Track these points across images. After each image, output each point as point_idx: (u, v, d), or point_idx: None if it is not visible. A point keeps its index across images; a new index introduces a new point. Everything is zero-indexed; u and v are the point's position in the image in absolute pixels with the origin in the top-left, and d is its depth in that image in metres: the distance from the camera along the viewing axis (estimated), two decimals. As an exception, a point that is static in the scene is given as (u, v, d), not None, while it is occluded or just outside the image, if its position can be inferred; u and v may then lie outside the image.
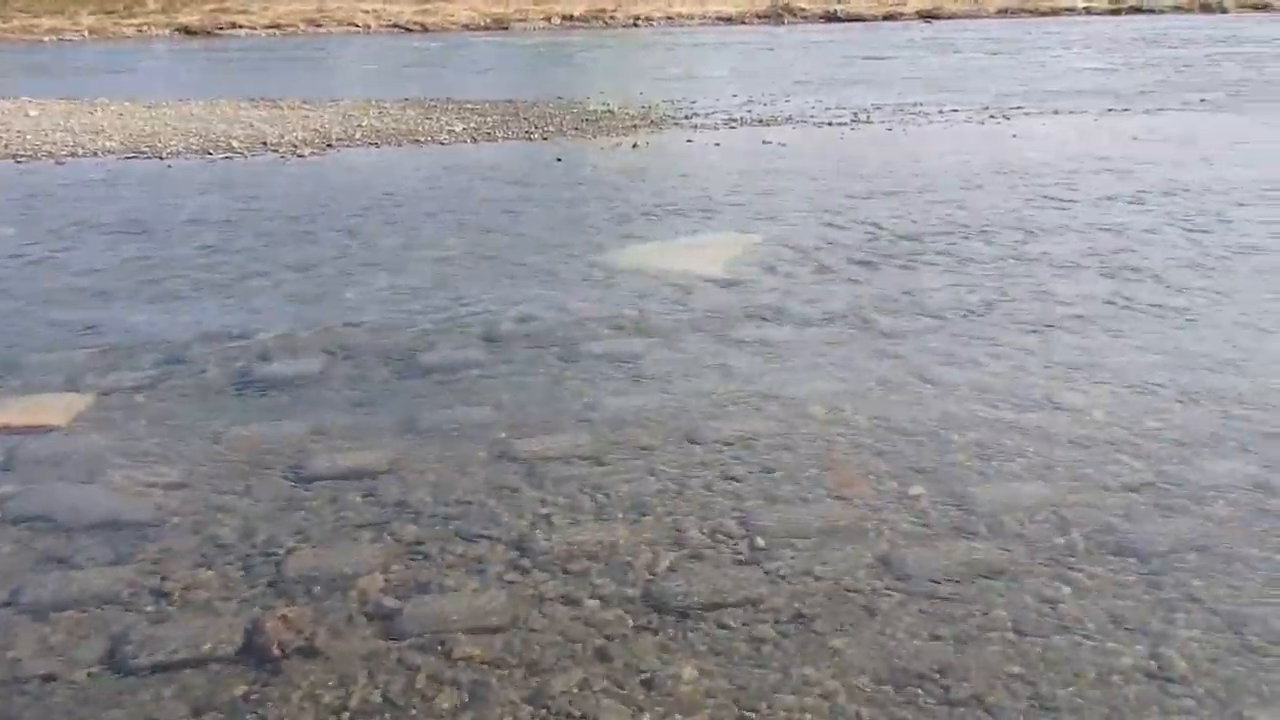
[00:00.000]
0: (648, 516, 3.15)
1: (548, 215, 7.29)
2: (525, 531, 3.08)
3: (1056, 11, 33.01)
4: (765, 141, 10.42)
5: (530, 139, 10.81)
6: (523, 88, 15.38)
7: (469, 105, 13.26)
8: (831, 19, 31.42)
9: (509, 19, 30.42)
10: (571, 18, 30.93)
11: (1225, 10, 32.78)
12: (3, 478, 3.47)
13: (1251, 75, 15.85)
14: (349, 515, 3.19)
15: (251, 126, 11.51)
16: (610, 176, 8.72)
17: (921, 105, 12.85)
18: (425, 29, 29.56)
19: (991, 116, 11.91)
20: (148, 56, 23.66)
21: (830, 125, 11.45)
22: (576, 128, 11.45)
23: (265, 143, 10.51)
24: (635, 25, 30.53)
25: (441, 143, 10.64)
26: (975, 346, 4.58)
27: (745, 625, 2.62)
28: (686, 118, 12.14)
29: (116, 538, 3.08)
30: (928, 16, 31.70)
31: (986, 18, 32.04)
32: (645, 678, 2.43)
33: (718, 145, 10.31)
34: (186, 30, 29.06)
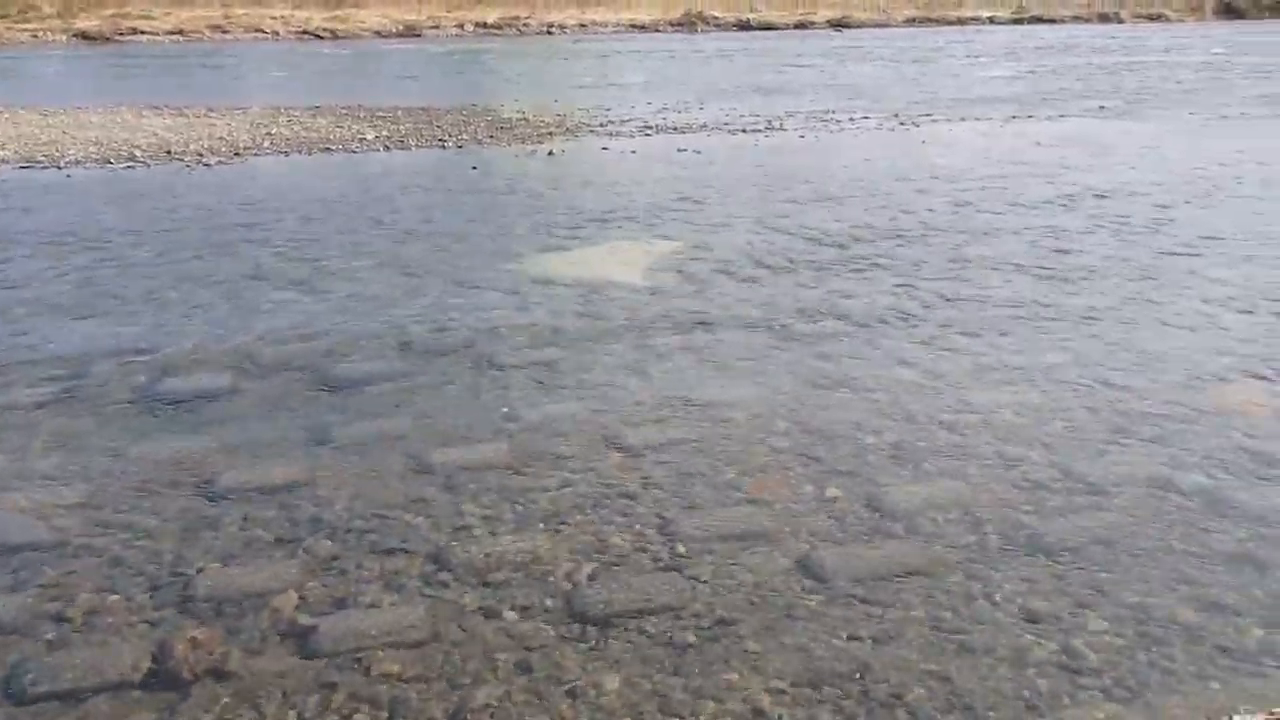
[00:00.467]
0: (568, 525, 3.14)
1: (463, 223, 7.23)
2: (444, 544, 3.03)
3: (963, 21, 33.87)
4: (680, 149, 10.48)
5: (444, 146, 10.72)
6: (436, 95, 15.24)
7: (381, 113, 13.09)
8: (744, 27, 31.79)
9: (421, 26, 30.15)
10: (485, 25, 30.78)
11: (1121, 21, 34.00)
12: (-110, 502, 3.31)
13: (1147, 83, 16.43)
14: (261, 532, 3.11)
15: (155, 134, 11.21)
16: (526, 184, 8.68)
17: (833, 112, 13.06)
18: (335, 36, 29.13)
19: (901, 123, 12.16)
20: (44, 63, 22.89)
21: (744, 132, 11.56)
22: (491, 135, 11.39)
23: (169, 151, 10.24)
24: (549, 32, 30.51)
25: (353, 151, 10.49)
26: (890, 349, 4.66)
27: (667, 632, 2.62)
28: (602, 125, 12.15)
29: (14, 562, 2.96)
30: (838, 25, 32.27)
31: (895, 27, 32.74)
32: (567, 688, 2.41)
33: (633, 152, 10.34)
34: (85, 36, 28.20)
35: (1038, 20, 33.78)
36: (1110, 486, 3.36)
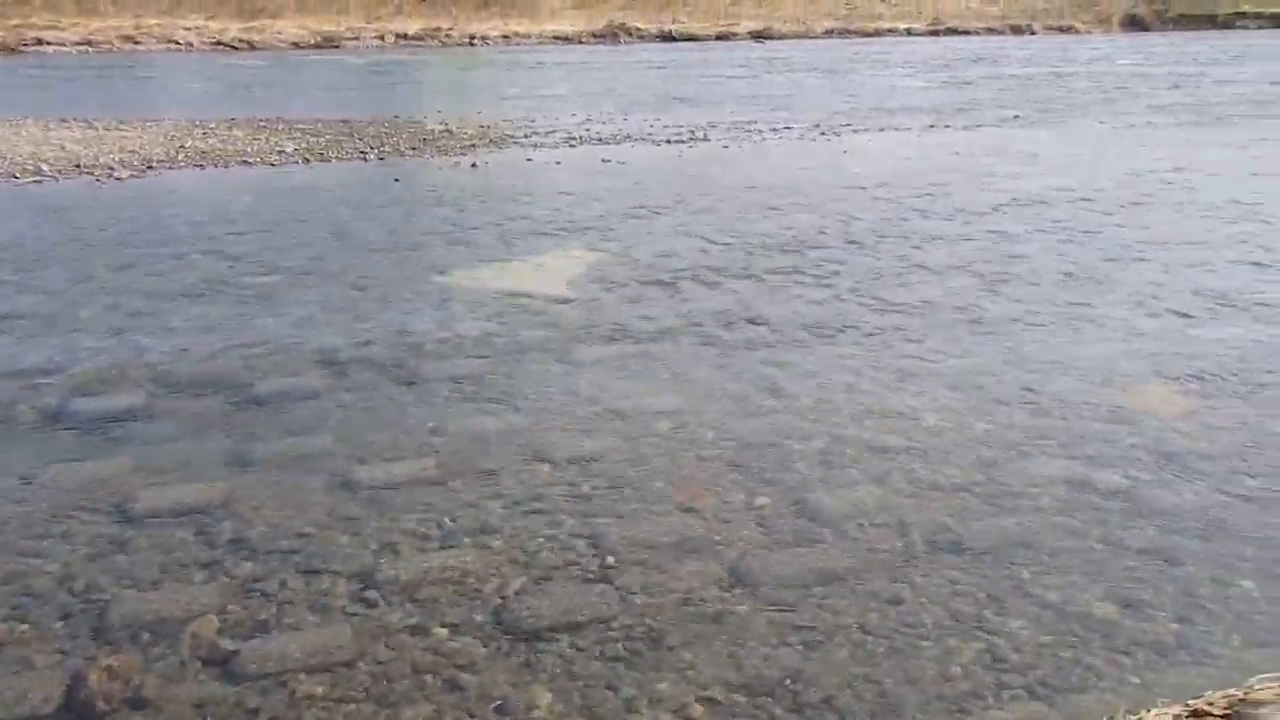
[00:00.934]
0: (496, 540, 3.11)
1: (386, 237, 7.14)
2: (369, 562, 2.98)
3: (880, 33, 34.50)
4: (605, 160, 10.49)
5: (366, 159, 10.58)
6: (357, 107, 15.06)
7: (300, 125, 12.88)
8: (666, 39, 31.97)
9: (340, 37, 29.75)
10: (406, 36, 30.48)
11: (1034, 33, 34.95)
12: None
13: (1058, 93, 16.90)
14: (179, 555, 3.03)
15: (63, 148, 10.88)
16: (450, 196, 8.61)
17: (756, 123, 13.18)
18: (252, 47, 28.61)
19: (822, 133, 12.32)
20: (-54, 74, 22.12)
21: (669, 143, 11.61)
22: (414, 147, 11.28)
23: (79, 165, 9.95)
24: (472, 44, 30.34)
25: (272, 164, 10.30)
26: (814, 358, 4.71)
27: (598, 644, 2.61)
28: (526, 136, 12.11)
29: (-84, 594, 2.83)
30: (759, 37, 32.64)
31: (815, 38, 33.22)
32: (498, 704, 2.39)
33: (558, 164, 10.32)
34: (-12, 47, 27.29)
35: (953, 32, 34.59)
36: (1031, 488, 3.43)
